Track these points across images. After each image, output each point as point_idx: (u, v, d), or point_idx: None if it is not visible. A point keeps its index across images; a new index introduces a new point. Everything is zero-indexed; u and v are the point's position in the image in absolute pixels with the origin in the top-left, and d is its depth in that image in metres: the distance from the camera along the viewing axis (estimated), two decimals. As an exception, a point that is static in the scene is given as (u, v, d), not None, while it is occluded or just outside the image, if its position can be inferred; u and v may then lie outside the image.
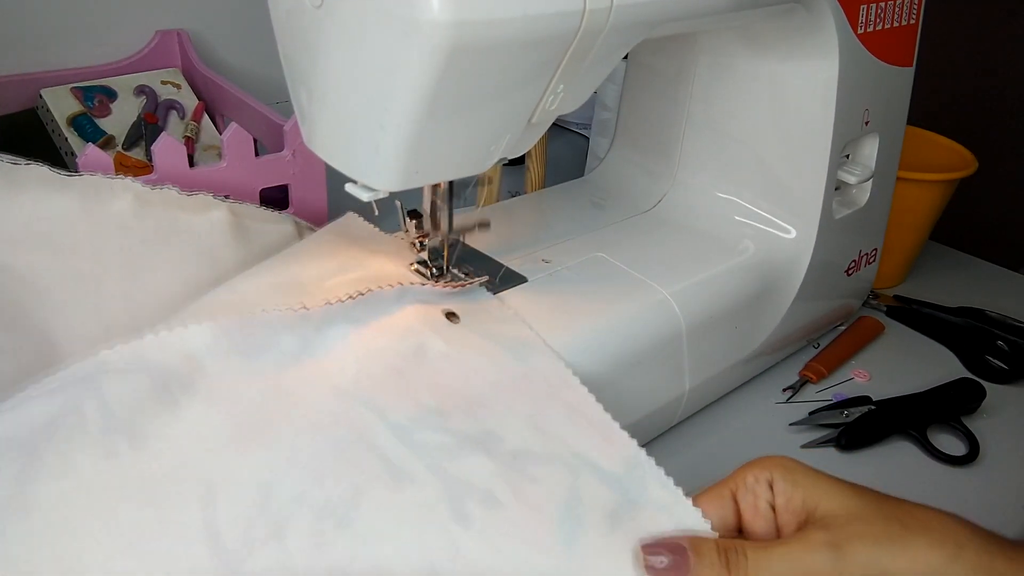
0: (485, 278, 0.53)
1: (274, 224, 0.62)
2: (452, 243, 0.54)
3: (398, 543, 0.37)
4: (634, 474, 0.42)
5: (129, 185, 0.56)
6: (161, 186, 0.58)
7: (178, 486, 0.37)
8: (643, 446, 0.43)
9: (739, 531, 0.40)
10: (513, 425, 0.44)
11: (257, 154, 0.65)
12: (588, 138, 0.95)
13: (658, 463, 0.43)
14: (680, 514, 0.40)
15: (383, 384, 0.44)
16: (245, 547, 0.36)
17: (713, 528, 0.38)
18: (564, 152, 1.05)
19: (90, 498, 0.36)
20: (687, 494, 0.40)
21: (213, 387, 0.41)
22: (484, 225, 0.56)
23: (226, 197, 0.60)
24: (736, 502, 0.39)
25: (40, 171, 0.54)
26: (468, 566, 0.37)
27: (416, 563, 0.37)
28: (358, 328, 0.47)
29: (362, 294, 0.48)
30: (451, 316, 0.50)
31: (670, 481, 0.41)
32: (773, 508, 0.39)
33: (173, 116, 0.80)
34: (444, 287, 0.52)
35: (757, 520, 0.39)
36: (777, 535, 0.39)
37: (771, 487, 0.39)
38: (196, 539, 0.36)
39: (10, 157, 0.53)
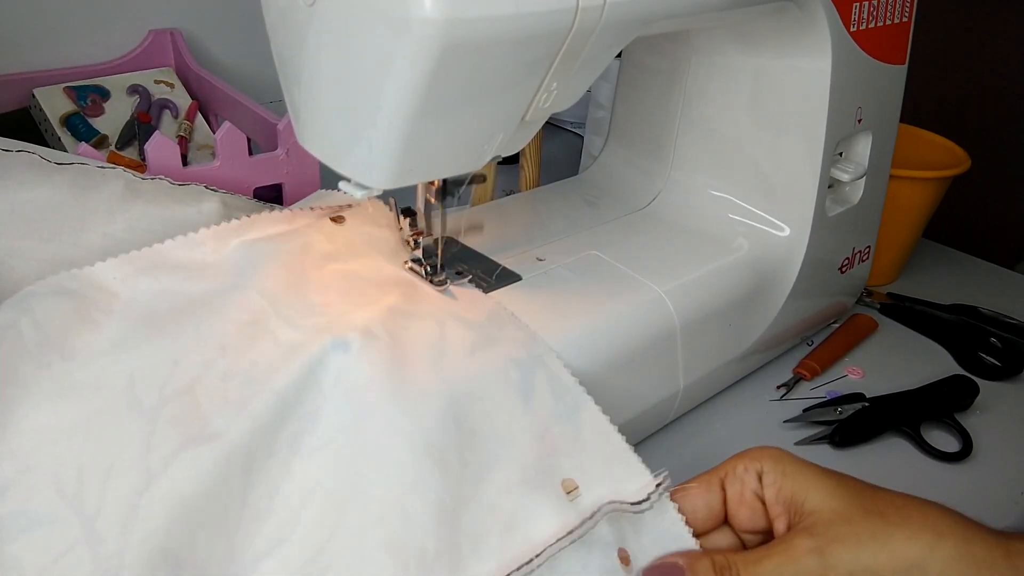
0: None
1: None
2: (446, 241, 0.54)
3: (288, 375, 0.43)
4: (494, 321, 0.49)
5: (120, 174, 0.56)
6: (153, 176, 0.57)
7: (103, 379, 0.43)
8: (638, 444, 0.44)
9: (725, 519, 0.41)
10: (387, 297, 0.49)
11: (251, 153, 0.65)
12: (582, 136, 0.95)
13: (653, 461, 0.43)
14: (532, 346, 0.47)
15: (276, 279, 0.49)
16: (160, 401, 0.42)
17: (699, 515, 0.40)
18: (558, 150, 1.05)
19: (32, 400, 0.41)
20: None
21: (128, 306, 0.47)
22: (476, 227, 0.56)
23: (216, 190, 0.59)
24: (724, 490, 0.41)
25: (30, 158, 0.54)
26: (348, 384, 0.43)
27: (304, 387, 0.43)
28: (250, 241, 0.52)
29: (247, 216, 0.55)
30: (337, 219, 0.56)
31: (526, 324, 0.49)
32: (760, 499, 0.40)
33: (166, 115, 0.80)
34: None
35: (742, 508, 0.40)
36: (767, 525, 0.40)
37: (760, 478, 0.40)
38: (120, 409, 0.42)
39: (2, 141, 0.53)
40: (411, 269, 0.53)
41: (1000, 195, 1.20)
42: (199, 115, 0.81)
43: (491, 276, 0.55)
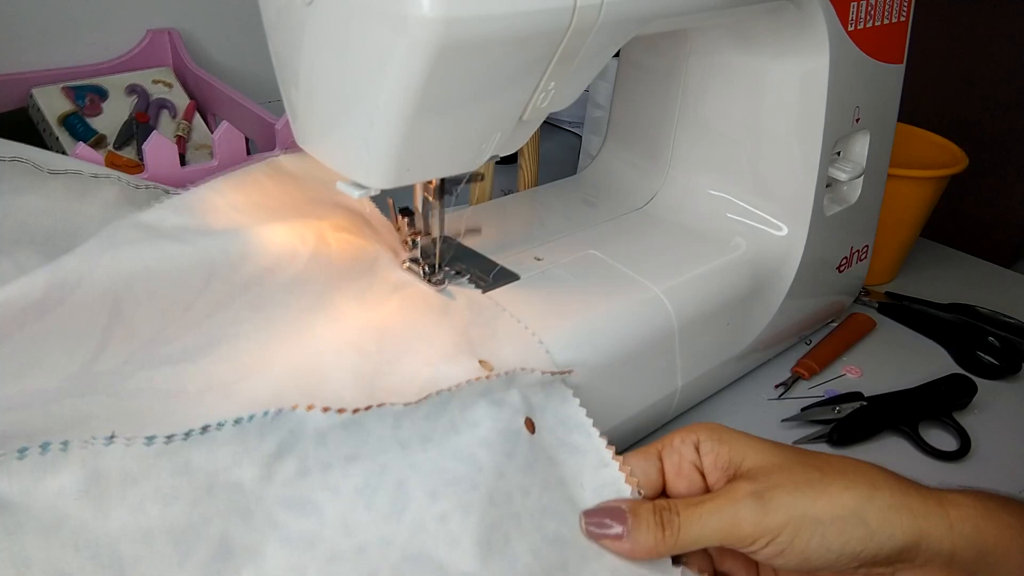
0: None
1: None
2: (444, 241, 0.54)
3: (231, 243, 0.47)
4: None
5: (115, 181, 0.56)
6: (148, 185, 0.58)
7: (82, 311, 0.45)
8: (636, 443, 0.44)
9: (663, 490, 0.43)
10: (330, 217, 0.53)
11: (249, 153, 0.65)
12: (580, 136, 0.95)
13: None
14: (466, 296, 0.52)
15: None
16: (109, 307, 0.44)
17: (640, 483, 0.42)
18: (557, 150, 1.05)
19: (13, 346, 0.42)
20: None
21: (96, 281, 0.48)
22: (475, 230, 0.57)
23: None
24: (661, 461, 0.42)
25: (24, 167, 0.54)
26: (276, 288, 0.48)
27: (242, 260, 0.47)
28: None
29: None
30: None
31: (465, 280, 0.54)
32: (699, 471, 0.41)
33: (164, 115, 0.80)
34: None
35: (679, 479, 0.41)
36: (703, 492, 0.41)
37: (697, 450, 0.41)
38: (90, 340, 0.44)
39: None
40: (409, 269, 0.54)
41: (997, 194, 1.20)
42: (197, 115, 0.81)
43: (489, 275, 0.55)
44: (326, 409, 0.38)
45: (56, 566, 0.31)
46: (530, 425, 0.43)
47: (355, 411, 0.39)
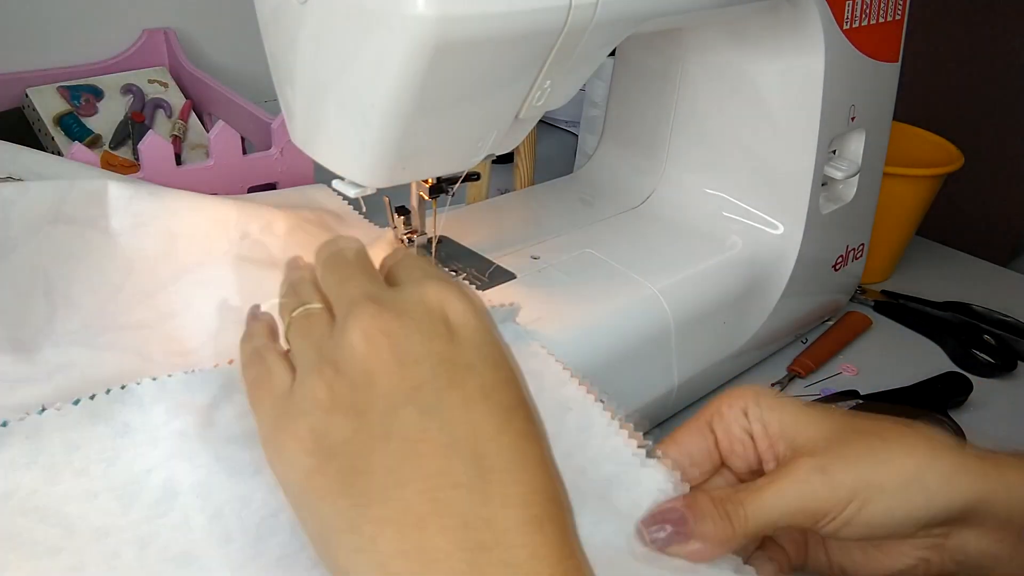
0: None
1: None
2: (440, 240, 0.54)
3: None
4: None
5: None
6: None
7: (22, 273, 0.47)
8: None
9: (721, 462, 0.42)
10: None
11: (245, 152, 0.65)
12: (577, 135, 0.96)
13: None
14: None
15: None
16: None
17: (697, 459, 0.41)
18: (553, 149, 1.05)
19: None
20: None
21: (30, 250, 0.49)
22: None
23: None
24: (713, 432, 0.41)
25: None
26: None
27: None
28: None
29: None
30: None
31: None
32: (750, 435, 0.40)
33: (160, 115, 0.80)
34: None
35: (734, 445, 0.41)
36: (756, 460, 0.40)
37: (746, 415, 0.40)
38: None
39: None
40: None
41: (993, 192, 1.21)
42: (193, 114, 0.81)
43: (485, 274, 0.55)
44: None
45: (8, 529, 0.33)
46: None
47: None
